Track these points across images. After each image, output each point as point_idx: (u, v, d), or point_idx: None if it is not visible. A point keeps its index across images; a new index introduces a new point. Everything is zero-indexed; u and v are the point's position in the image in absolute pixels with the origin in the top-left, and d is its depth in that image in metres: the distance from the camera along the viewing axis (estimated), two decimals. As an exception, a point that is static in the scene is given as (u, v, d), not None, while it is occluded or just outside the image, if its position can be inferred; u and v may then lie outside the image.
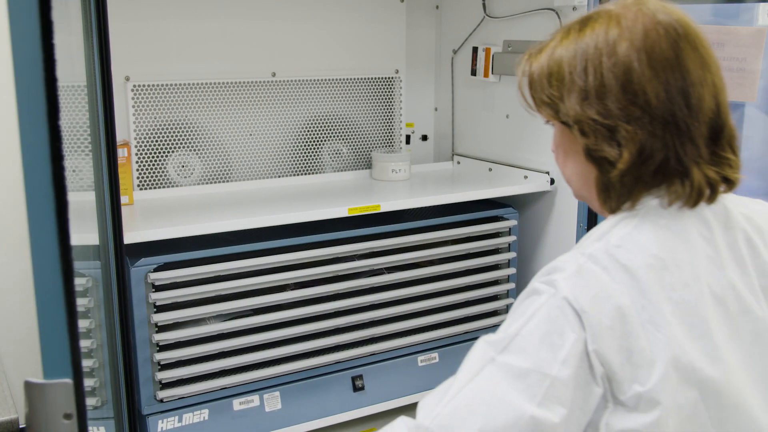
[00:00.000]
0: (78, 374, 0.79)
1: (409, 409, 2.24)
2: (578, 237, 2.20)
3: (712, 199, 1.14)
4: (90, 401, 1.88)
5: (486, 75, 2.52)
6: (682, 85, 1.09)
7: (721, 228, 1.18)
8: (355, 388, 2.10)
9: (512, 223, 2.32)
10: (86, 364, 1.86)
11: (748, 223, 1.21)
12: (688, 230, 1.14)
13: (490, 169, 2.56)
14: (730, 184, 1.14)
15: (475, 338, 2.38)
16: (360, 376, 2.11)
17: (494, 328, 2.30)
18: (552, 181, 2.33)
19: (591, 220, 2.15)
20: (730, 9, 2.28)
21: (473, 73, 2.58)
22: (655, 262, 1.09)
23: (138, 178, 2.26)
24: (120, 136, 2.18)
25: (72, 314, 0.75)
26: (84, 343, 1.85)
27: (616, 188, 1.14)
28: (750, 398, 1.12)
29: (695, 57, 1.10)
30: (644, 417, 1.06)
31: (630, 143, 1.09)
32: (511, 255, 2.34)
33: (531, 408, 1.03)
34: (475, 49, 2.57)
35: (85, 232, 1.74)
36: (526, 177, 2.40)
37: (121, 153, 2.08)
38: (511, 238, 2.32)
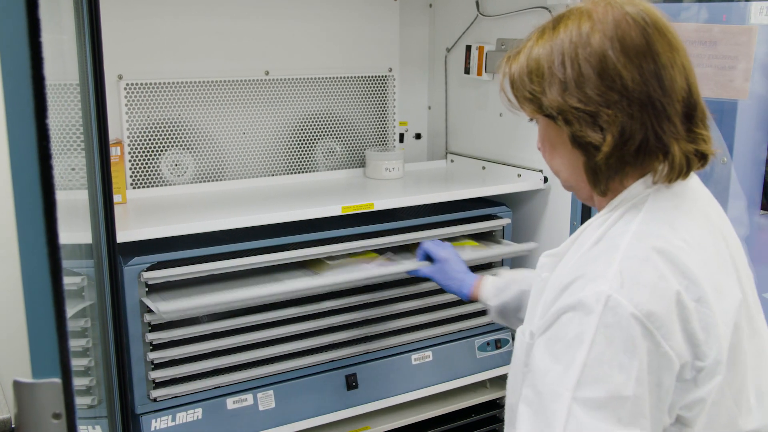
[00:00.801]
0: (67, 374, 0.78)
1: (403, 408, 2.24)
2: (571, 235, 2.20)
3: (688, 173, 1.20)
4: (85, 400, 1.88)
5: (479, 73, 2.52)
6: (654, 68, 1.16)
7: (701, 200, 1.27)
8: (349, 387, 2.10)
9: (506, 221, 2.32)
10: (82, 362, 1.86)
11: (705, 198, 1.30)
12: (689, 210, 1.22)
13: (484, 168, 2.56)
14: (704, 158, 1.21)
15: (469, 336, 2.38)
16: (354, 375, 2.11)
17: (487, 326, 2.32)
18: (545, 180, 2.33)
19: (585, 218, 2.15)
20: (723, 8, 2.28)
21: (467, 71, 2.58)
22: (683, 245, 1.15)
23: (131, 176, 2.26)
24: (113, 134, 2.18)
25: (60, 314, 0.75)
26: (79, 342, 1.85)
27: (603, 170, 1.20)
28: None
29: (664, 42, 1.18)
30: (703, 389, 1.13)
31: (612, 126, 1.15)
32: (505, 253, 2.34)
33: (618, 430, 1.06)
34: (468, 48, 2.57)
35: (78, 231, 1.74)
36: (519, 175, 2.40)
37: (114, 152, 2.08)
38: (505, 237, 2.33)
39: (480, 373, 2.30)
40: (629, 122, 1.15)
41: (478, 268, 2.30)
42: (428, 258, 1.97)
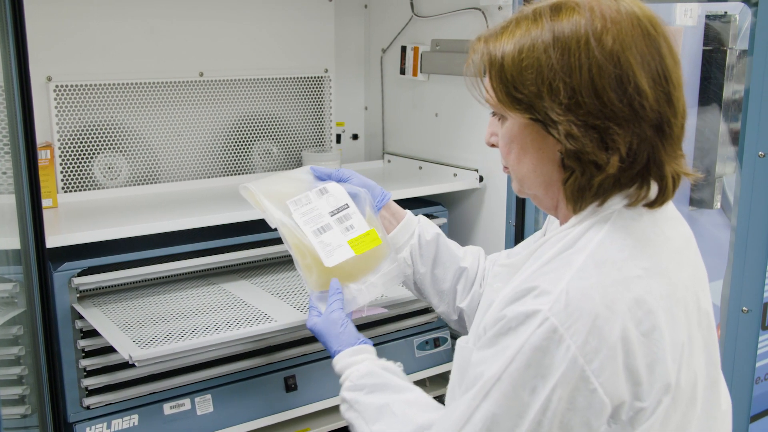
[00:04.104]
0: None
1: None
2: (507, 234, 2.23)
3: (670, 197, 1.11)
4: (19, 410, 1.84)
5: (415, 74, 2.54)
6: (666, 85, 1.04)
7: (666, 222, 1.16)
8: (288, 389, 2.09)
9: (442, 221, 2.33)
10: (14, 371, 1.82)
11: (675, 216, 1.21)
12: (653, 230, 1.11)
13: (420, 168, 2.58)
14: (679, 180, 1.12)
15: (408, 336, 2.39)
16: (293, 377, 2.10)
17: (426, 325, 2.33)
18: (481, 179, 2.35)
19: (519, 217, 2.18)
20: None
21: (402, 71, 2.60)
22: (642, 273, 1.05)
23: (62, 180, 2.21)
24: (43, 137, 2.13)
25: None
26: (11, 350, 1.81)
27: (593, 190, 1.07)
28: (699, 390, 1.13)
29: (671, 56, 1.05)
30: (639, 428, 1.04)
31: (621, 146, 1.02)
32: (442, 252, 2.35)
33: None
34: (403, 48, 2.58)
35: (6, 236, 1.70)
36: (455, 175, 2.42)
37: (44, 155, 2.03)
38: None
39: (419, 372, 2.31)
40: (638, 143, 1.02)
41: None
42: None
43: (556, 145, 1.07)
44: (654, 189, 1.08)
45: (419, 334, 2.33)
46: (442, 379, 2.34)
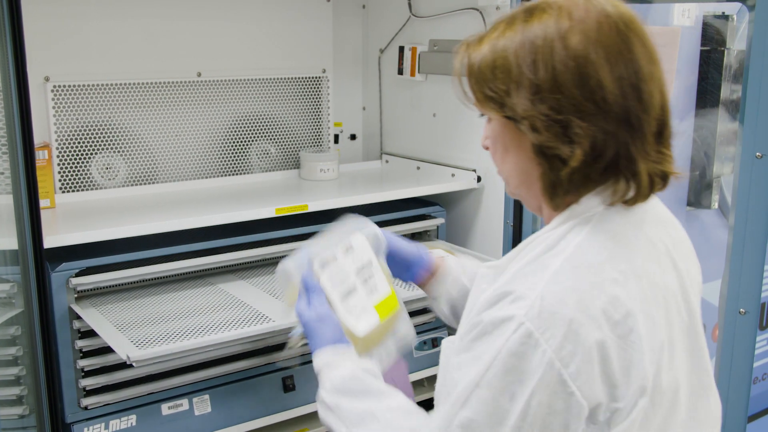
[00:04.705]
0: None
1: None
2: (505, 234, 2.23)
3: (649, 196, 1.11)
4: (16, 410, 1.84)
5: (413, 74, 2.54)
6: (635, 81, 1.05)
7: (655, 226, 1.17)
8: (286, 389, 2.09)
9: (440, 221, 2.34)
10: (12, 372, 1.82)
11: (663, 218, 1.22)
12: (636, 236, 1.12)
13: (418, 168, 2.58)
14: (665, 179, 1.12)
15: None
16: (291, 377, 2.10)
17: (424, 325, 2.33)
18: (479, 179, 2.35)
19: (517, 217, 2.18)
20: (647, 9, 2.34)
21: (400, 72, 2.60)
22: (618, 276, 1.06)
23: (60, 180, 2.21)
24: (41, 137, 2.13)
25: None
26: (9, 351, 1.81)
27: (564, 185, 1.09)
28: (682, 395, 1.14)
29: (644, 52, 1.07)
30: (616, 428, 1.05)
31: (584, 140, 1.04)
32: (440, 252, 2.36)
33: None
34: (401, 49, 2.58)
35: (4, 237, 1.70)
36: (453, 175, 2.42)
37: (42, 155, 2.03)
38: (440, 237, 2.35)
39: (418, 372, 2.31)
40: (603, 137, 1.04)
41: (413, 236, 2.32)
42: None
43: (530, 142, 1.11)
44: (633, 187, 1.09)
45: (417, 335, 2.33)
46: (440, 379, 2.34)
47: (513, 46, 1.07)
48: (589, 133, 1.04)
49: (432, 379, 2.38)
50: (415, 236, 2.34)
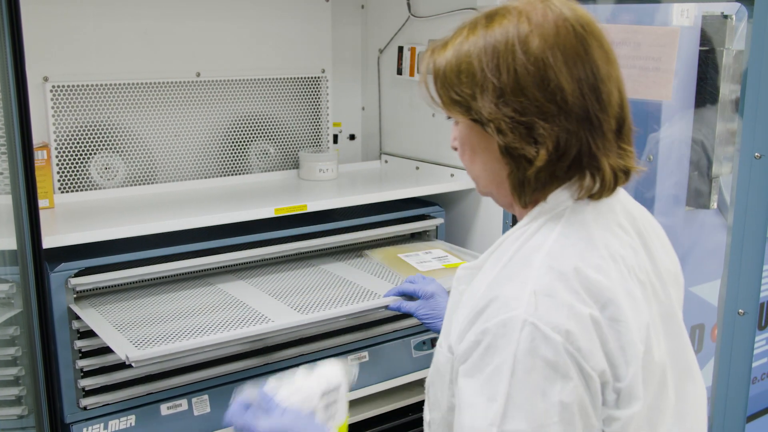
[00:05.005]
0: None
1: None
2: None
3: (614, 190, 1.16)
4: (15, 410, 1.84)
5: (412, 74, 2.55)
6: (593, 81, 1.10)
7: (624, 215, 1.22)
8: (285, 389, 2.09)
9: (439, 221, 2.34)
10: (11, 372, 1.82)
11: (631, 209, 1.26)
12: (608, 223, 1.17)
13: (418, 168, 2.58)
14: (627, 174, 1.17)
15: (405, 336, 2.39)
16: (290, 377, 2.10)
17: (423, 325, 2.32)
18: (478, 179, 2.35)
19: (515, 217, 2.18)
20: (646, 9, 2.34)
21: (399, 72, 2.60)
22: (600, 262, 1.11)
23: (59, 180, 2.21)
24: (39, 137, 2.13)
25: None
26: (8, 351, 1.81)
27: (531, 184, 1.14)
28: (669, 377, 1.18)
29: (601, 53, 1.12)
30: (624, 412, 1.08)
31: (547, 140, 1.09)
32: (439, 253, 2.36)
33: None
34: (400, 49, 2.58)
35: (2, 237, 1.69)
36: (452, 175, 2.42)
37: (41, 155, 2.03)
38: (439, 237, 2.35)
39: (416, 372, 2.31)
40: (566, 137, 1.09)
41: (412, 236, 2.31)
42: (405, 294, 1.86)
43: (497, 144, 1.15)
44: (598, 181, 1.14)
45: (416, 335, 2.33)
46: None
47: (476, 50, 1.11)
48: (552, 133, 1.09)
49: (431, 379, 2.38)
50: (414, 236, 2.35)
